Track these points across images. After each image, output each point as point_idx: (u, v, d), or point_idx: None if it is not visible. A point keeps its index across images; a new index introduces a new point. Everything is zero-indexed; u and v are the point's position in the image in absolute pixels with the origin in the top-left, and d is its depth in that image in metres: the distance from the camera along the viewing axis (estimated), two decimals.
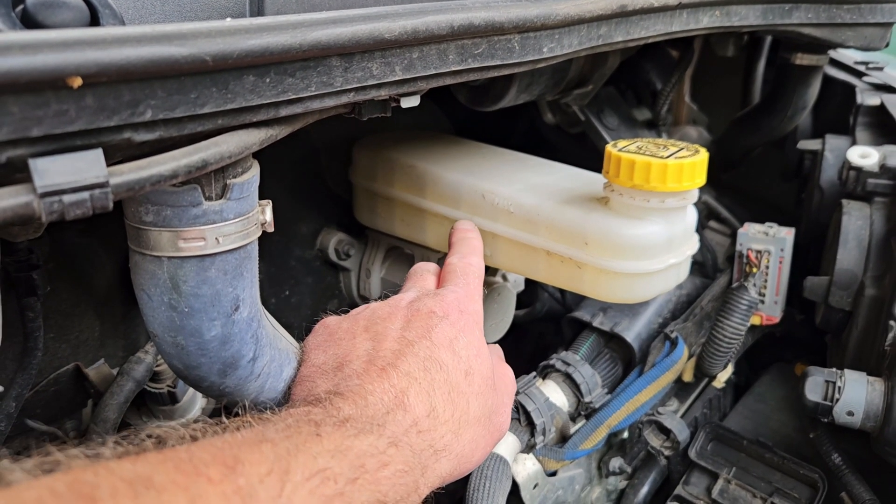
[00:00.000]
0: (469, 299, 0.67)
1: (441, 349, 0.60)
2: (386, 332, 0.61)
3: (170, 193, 0.47)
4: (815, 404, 0.81)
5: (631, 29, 0.70)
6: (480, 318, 0.67)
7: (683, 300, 1.06)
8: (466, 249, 0.75)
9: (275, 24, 0.43)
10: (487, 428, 0.62)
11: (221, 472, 0.40)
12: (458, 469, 0.59)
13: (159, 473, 0.38)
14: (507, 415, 0.67)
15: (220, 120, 0.43)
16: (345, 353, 0.60)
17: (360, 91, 0.51)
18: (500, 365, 0.72)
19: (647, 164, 0.72)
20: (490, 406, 0.63)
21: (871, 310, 0.89)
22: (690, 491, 0.91)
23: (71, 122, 0.36)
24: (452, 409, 0.58)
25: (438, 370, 0.58)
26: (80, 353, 0.79)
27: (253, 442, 0.44)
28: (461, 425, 0.58)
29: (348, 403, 0.53)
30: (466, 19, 0.54)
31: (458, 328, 0.62)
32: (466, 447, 0.59)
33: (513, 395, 0.71)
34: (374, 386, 0.55)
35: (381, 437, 0.50)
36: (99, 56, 0.36)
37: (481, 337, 0.65)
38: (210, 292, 0.51)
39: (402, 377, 0.56)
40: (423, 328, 0.61)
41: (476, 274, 0.72)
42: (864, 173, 0.95)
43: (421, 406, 0.55)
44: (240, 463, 0.41)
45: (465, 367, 0.61)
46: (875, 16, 0.92)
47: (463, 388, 0.60)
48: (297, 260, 1.01)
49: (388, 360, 0.57)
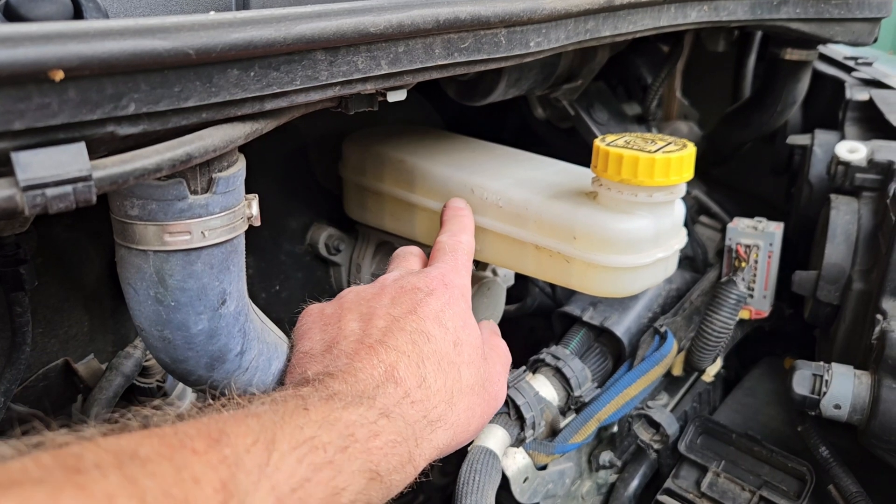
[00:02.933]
0: (454, 273, 0.67)
1: (428, 322, 0.61)
2: (372, 311, 0.61)
3: (155, 187, 0.47)
4: (803, 398, 0.82)
5: (619, 23, 0.71)
6: (467, 292, 0.68)
7: (673, 295, 1.06)
8: (457, 227, 0.76)
9: (258, 18, 0.43)
10: (482, 396, 0.62)
11: (206, 444, 0.40)
12: (454, 439, 0.59)
13: (144, 446, 0.38)
14: (501, 384, 0.68)
15: (204, 114, 0.43)
16: (333, 336, 0.60)
17: (346, 85, 0.51)
18: (493, 337, 0.73)
19: (635, 158, 0.72)
20: (483, 375, 0.63)
21: (859, 304, 0.90)
22: (680, 484, 0.91)
23: (53, 115, 0.36)
24: (444, 379, 0.58)
25: (427, 342, 0.59)
26: (70, 348, 0.79)
27: (238, 417, 0.44)
28: (454, 394, 0.59)
29: (337, 381, 0.53)
30: (452, 13, 0.54)
31: (444, 301, 0.63)
32: (462, 416, 0.59)
33: (507, 365, 0.71)
34: (364, 363, 0.55)
35: (371, 409, 0.51)
36: (81, 49, 0.36)
37: (468, 309, 0.66)
38: (196, 286, 0.51)
39: (390, 352, 0.57)
40: (409, 304, 0.62)
41: (465, 251, 0.72)
42: (853, 168, 0.95)
43: (412, 378, 0.56)
44: (225, 434, 0.41)
45: (454, 338, 0.61)
46: (863, 11, 0.92)
47: (453, 358, 0.60)
48: (287, 255, 1.01)
49: (376, 338, 0.58)
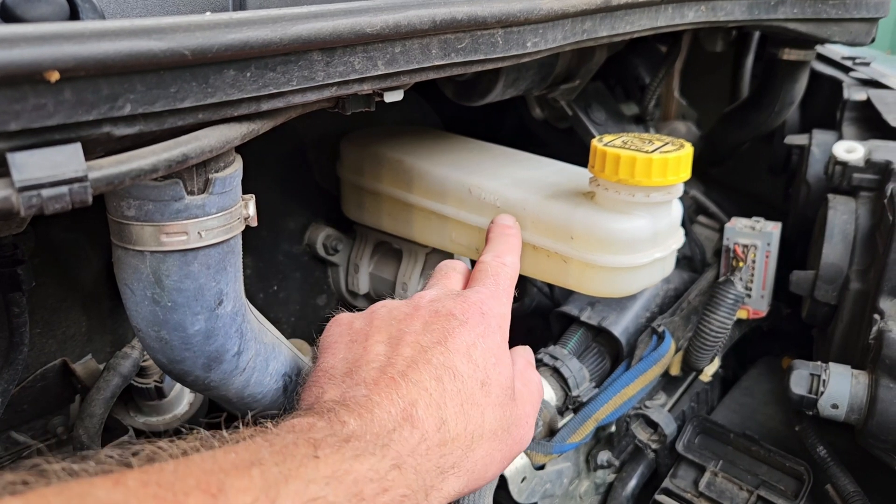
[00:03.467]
0: (495, 300, 0.63)
1: (457, 356, 0.57)
2: (402, 335, 0.58)
3: (151, 188, 0.47)
4: (800, 397, 0.82)
5: (616, 24, 0.71)
6: (505, 322, 0.63)
7: (671, 294, 1.06)
8: (502, 248, 0.72)
9: (255, 19, 0.43)
10: (504, 441, 0.59)
11: (202, 502, 0.38)
12: (468, 486, 0.56)
13: (134, 501, 0.36)
14: (528, 426, 0.63)
15: (200, 114, 0.43)
16: (356, 358, 0.57)
17: (343, 85, 0.51)
18: (528, 370, 0.68)
19: (632, 158, 0.72)
20: (508, 418, 0.59)
21: (856, 303, 0.90)
22: (678, 484, 0.91)
23: (49, 116, 0.36)
24: (465, 423, 0.55)
25: (452, 380, 0.55)
26: (67, 348, 0.79)
27: (243, 465, 0.41)
28: (474, 440, 0.55)
29: (353, 416, 0.50)
30: (449, 14, 0.54)
31: (478, 333, 0.59)
32: (479, 463, 0.56)
33: (537, 404, 0.66)
34: (382, 398, 0.52)
35: (383, 459, 0.48)
36: (77, 50, 0.36)
37: (503, 342, 0.62)
38: (193, 287, 0.51)
39: (412, 388, 0.53)
40: (440, 332, 0.58)
41: (508, 275, 0.68)
42: (850, 168, 0.95)
43: (430, 420, 0.52)
44: (223, 492, 0.39)
45: (482, 377, 0.57)
46: (860, 11, 0.92)
47: (478, 399, 0.56)
48: (285, 255, 1.01)
49: (399, 369, 0.55)
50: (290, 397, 0.62)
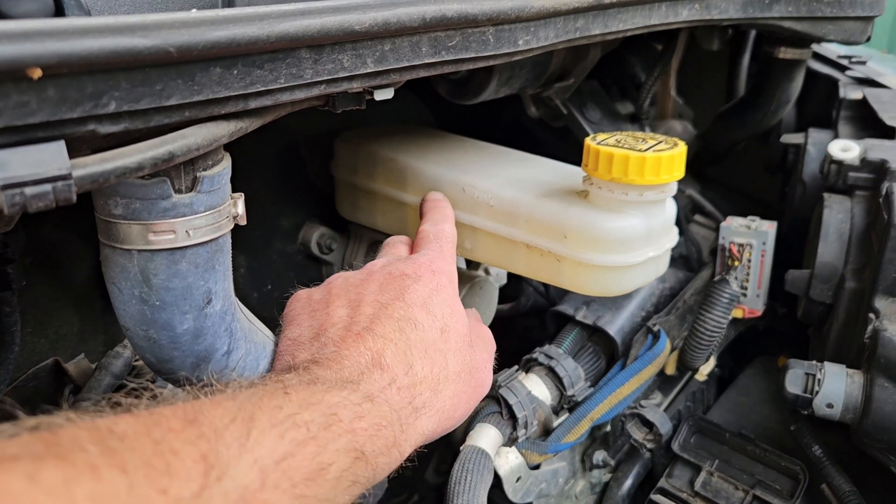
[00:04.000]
0: (441, 259, 0.68)
1: (415, 309, 0.61)
2: (360, 297, 0.62)
3: (139, 186, 0.47)
4: (796, 397, 0.81)
5: (609, 22, 0.70)
6: (454, 278, 0.68)
7: (667, 293, 1.06)
8: (438, 217, 0.76)
9: (241, 16, 0.43)
10: (468, 383, 0.63)
11: (182, 423, 0.40)
12: (440, 426, 0.59)
13: (120, 424, 0.38)
14: (487, 371, 0.68)
15: (187, 112, 0.43)
16: (321, 323, 0.60)
17: (332, 83, 0.51)
18: (478, 325, 0.73)
19: (625, 157, 0.72)
20: (469, 362, 0.63)
21: (851, 302, 0.89)
22: (674, 483, 0.91)
23: (32, 113, 0.36)
24: (431, 366, 0.58)
25: (413, 329, 0.59)
26: (60, 347, 0.79)
27: (215, 400, 0.44)
28: (440, 381, 0.59)
29: (322, 368, 0.53)
30: (439, 11, 0.53)
31: (431, 288, 0.63)
32: (447, 403, 0.59)
33: (493, 352, 0.72)
34: (350, 350, 0.55)
35: (354, 392, 0.50)
36: (59, 47, 0.35)
37: (455, 296, 0.66)
38: (181, 285, 0.51)
39: (377, 339, 0.57)
40: (396, 290, 0.62)
41: (448, 238, 0.73)
42: (845, 167, 0.95)
43: (398, 365, 0.56)
44: (201, 414, 0.41)
45: (441, 325, 0.61)
46: (855, 10, 0.92)
47: (440, 346, 0.60)
48: (279, 254, 1.01)
49: (363, 325, 0.58)
50: None
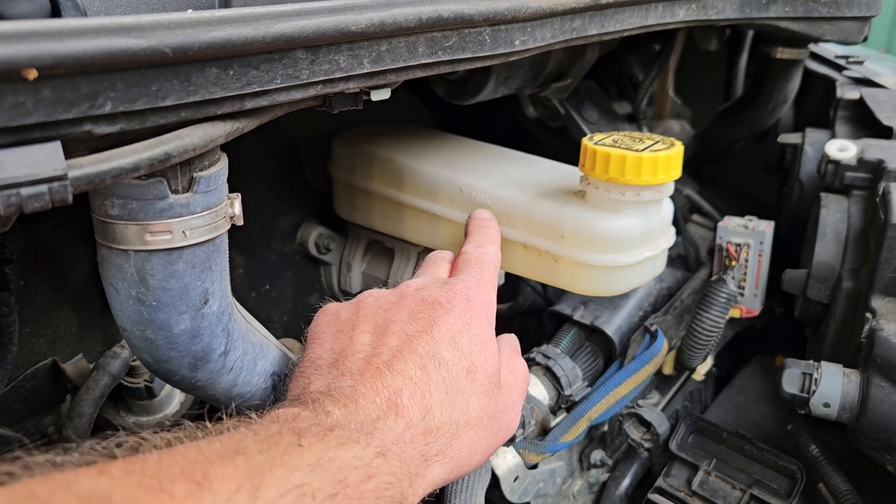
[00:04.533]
0: (480, 288, 0.64)
1: (442, 344, 0.57)
2: (388, 324, 0.59)
3: (135, 187, 0.47)
4: (792, 396, 0.82)
5: (605, 22, 0.70)
6: (492, 309, 0.64)
7: (664, 293, 1.06)
8: (483, 238, 0.73)
9: (237, 17, 0.43)
10: (490, 429, 0.59)
11: (187, 490, 0.38)
12: (453, 473, 0.56)
13: (119, 492, 0.36)
14: (514, 413, 0.63)
15: (183, 112, 0.43)
16: (342, 348, 0.58)
17: (328, 84, 0.51)
18: (514, 358, 0.68)
19: (622, 157, 0.72)
20: (494, 405, 0.59)
21: (848, 302, 0.90)
22: (671, 483, 0.91)
23: (28, 114, 0.36)
24: (450, 411, 0.55)
25: (437, 368, 0.56)
26: (58, 347, 0.79)
27: (227, 454, 0.41)
28: (459, 427, 0.55)
29: (338, 407, 0.50)
30: (435, 12, 0.53)
31: (464, 321, 0.59)
32: (464, 450, 0.56)
33: (524, 391, 0.67)
34: (367, 388, 0.52)
35: (367, 447, 0.48)
36: (55, 48, 0.36)
37: (490, 330, 0.62)
38: (178, 286, 0.51)
39: (396, 377, 0.54)
40: (426, 321, 0.58)
41: (491, 263, 0.69)
42: (842, 167, 0.95)
43: (415, 408, 0.53)
44: (208, 480, 0.39)
45: (468, 365, 0.58)
46: (852, 10, 0.92)
47: (463, 387, 0.57)
48: (277, 254, 1.01)
49: (384, 359, 0.55)
50: (279, 393, 0.62)
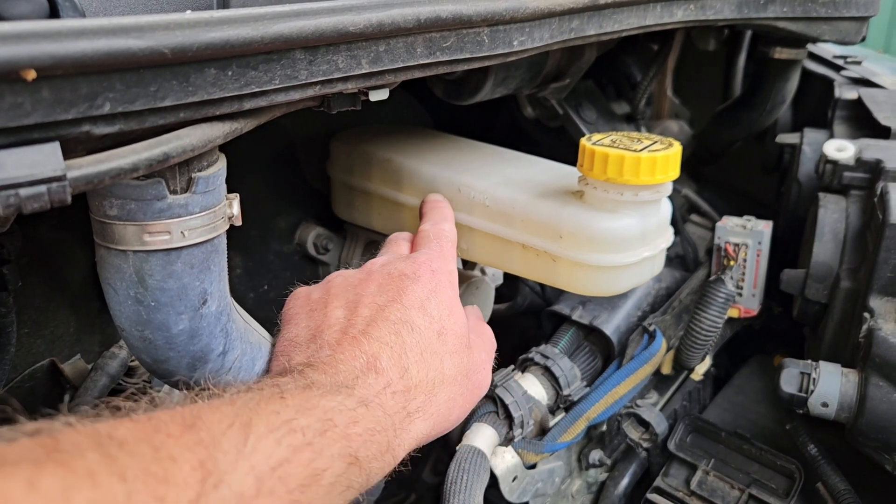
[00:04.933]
0: (441, 259, 0.68)
1: (412, 311, 0.61)
2: (359, 298, 0.62)
3: (134, 187, 0.47)
4: (791, 396, 0.82)
5: (604, 22, 0.71)
6: (454, 278, 0.68)
7: (663, 293, 1.06)
8: (438, 216, 0.77)
9: (235, 17, 0.43)
10: (465, 386, 0.63)
11: (181, 428, 0.40)
12: (434, 429, 0.59)
13: (120, 429, 0.38)
14: (486, 372, 0.68)
15: (181, 113, 0.43)
16: (318, 324, 0.60)
17: (327, 84, 0.51)
18: (479, 324, 0.73)
19: (621, 157, 0.72)
20: (466, 364, 0.63)
21: (847, 302, 0.90)
22: (670, 483, 0.91)
23: (26, 115, 0.36)
24: (426, 370, 0.58)
25: (410, 332, 0.59)
26: (56, 348, 0.78)
27: (213, 404, 0.44)
28: (435, 385, 0.59)
29: (318, 372, 0.53)
30: (433, 12, 0.53)
31: (430, 288, 0.63)
32: (442, 406, 0.59)
33: (492, 352, 0.71)
34: (346, 355, 0.55)
35: (349, 397, 0.50)
36: (54, 49, 0.36)
37: (455, 296, 0.66)
38: (176, 286, 0.51)
39: (373, 343, 0.57)
40: (394, 291, 0.62)
41: (448, 238, 0.73)
42: (841, 167, 0.95)
43: (393, 369, 0.56)
44: (199, 419, 0.41)
45: (438, 328, 0.61)
46: (850, 10, 0.92)
47: (436, 348, 0.60)
48: (276, 254, 1.01)
49: (360, 328, 0.58)
50: None
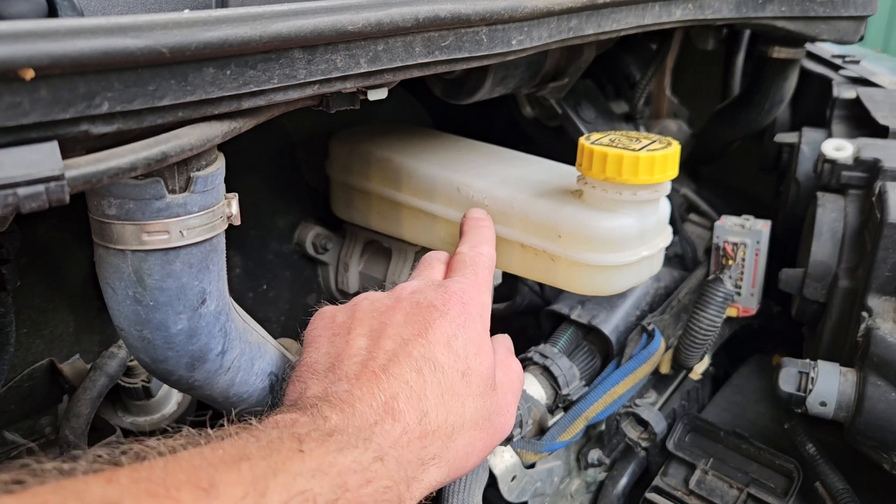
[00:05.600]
0: (475, 290, 0.64)
1: (437, 347, 0.58)
2: (383, 328, 0.59)
3: (132, 186, 0.47)
4: (789, 395, 0.82)
5: (602, 22, 0.71)
6: (486, 311, 0.64)
7: (662, 293, 1.06)
8: (477, 238, 0.73)
9: (234, 16, 0.43)
10: (486, 430, 0.60)
11: (194, 496, 0.38)
12: (449, 476, 0.57)
13: (128, 498, 0.36)
14: (509, 414, 0.64)
15: (180, 112, 0.43)
16: (338, 352, 0.58)
17: (325, 83, 0.51)
18: (508, 359, 0.69)
19: (619, 156, 0.72)
20: (489, 407, 0.60)
21: (845, 301, 0.90)
22: (668, 482, 0.91)
23: (25, 114, 0.36)
24: (446, 414, 0.56)
25: (432, 371, 0.56)
26: (55, 348, 0.79)
27: (231, 460, 0.42)
28: (455, 430, 0.56)
29: (336, 412, 0.51)
30: (432, 11, 0.53)
31: (459, 324, 0.60)
32: (460, 452, 0.57)
33: (518, 392, 0.68)
34: (364, 392, 0.53)
35: (366, 452, 0.48)
36: (51, 48, 0.36)
37: (484, 332, 0.63)
38: (175, 286, 0.51)
39: (392, 381, 0.54)
40: (421, 324, 0.59)
41: (486, 264, 0.69)
42: (839, 166, 0.95)
43: (412, 412, 0.53)
44: (214, 486, 0.39)
45: (463, 368, 0.58)
46: (848, 9, 0.92)
47: (459, 390, 0.57)
48: (275, 254, 1.01)
49: (380, 363, 0.55)
50: (277, 393, 0.63)
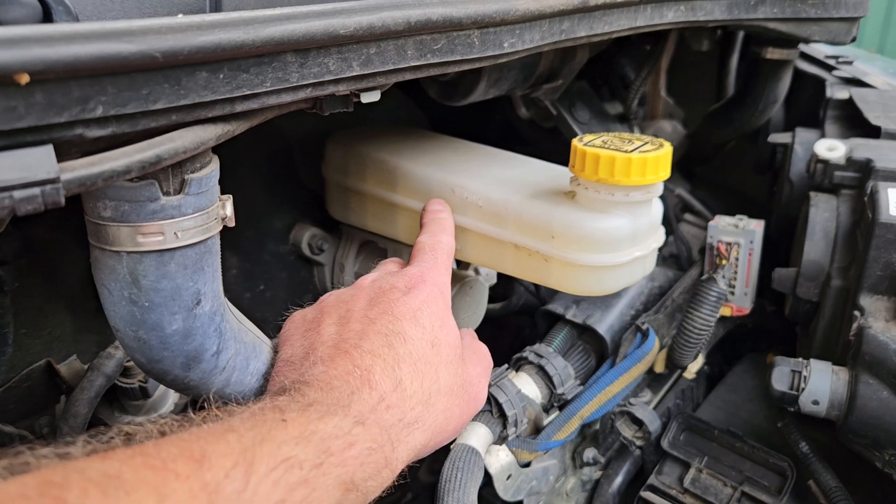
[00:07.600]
0: (433, 271, 0.68)
1: (404, 322, 0.61)
2: (349, 313, 0.62)
3: (127, 189, 0.47)
4: (782, 394, 0.82)
5: (594, 24, 0.71)
6: (446, 290, 0.68)
7: (656, 292, 1.07)
8: (436, 228, 0.77)
9: (227, 21, 0.43)
10: (461, 397, 0.63)
11: (189, 467, 0.40)
12: (432, 440, 0.59)
13: (128, 471, 0.38)
14: (482, 386, 0.68)
15: (173, 116, 0.44)
16: (311, 342, 0.60)
17: (318, 87, 0.51)
18: (473, 342, 0.73)
19: (612, 158, 0.73)
20: (461, 375, 0.63)
21: (837, 300, 0.90)
22: (663, 480, 0.92)
23: (20, 118, 0.37)
24: (420, 380, 0.58)
25: (402, 343, 0.59)
26: (53, 348, 0.79)
27: (219, 432, 0.44)
28: (431, 395, 0.59)
29: (313, 389, 0.53)
30: (423, 15, 0.54)
31: (421, 299, 0.63)
32: (440, 417, 0.59)
33: (488, 368, 0.72)
34: (339, 370, 0.55)
35: (346, 418, 0.51)
36: (46, 53, 0.36)
37: (447, 308, 0.66)
38: (170, 287, 0.51)
39: (365, 356, 0.57)
40: (385, 304, 0.62)
41: (445, 250, 0.73)
42: (831, 166, 0.96)
43: (387, 381, 0.56)
44: (206, 457, 0.41)
45: (431, 338, 0.61)
46: (840, 11, 0.93)
47: (430, 359, 0.60)
48: (271, 255, 1.01)
49: (352, 342, 0.58)
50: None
